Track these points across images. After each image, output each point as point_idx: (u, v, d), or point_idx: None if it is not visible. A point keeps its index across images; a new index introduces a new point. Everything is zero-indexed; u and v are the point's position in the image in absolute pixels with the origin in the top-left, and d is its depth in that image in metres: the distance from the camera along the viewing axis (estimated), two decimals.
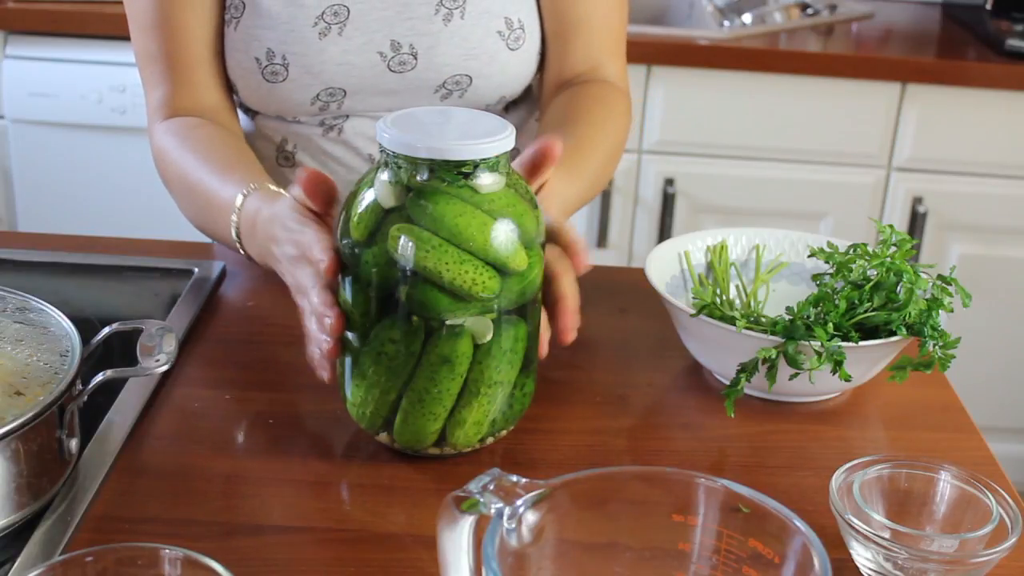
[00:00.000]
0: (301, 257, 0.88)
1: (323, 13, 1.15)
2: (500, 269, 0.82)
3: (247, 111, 1.27)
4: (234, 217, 1.02)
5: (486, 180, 0.82)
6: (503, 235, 0.81)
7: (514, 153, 0.86)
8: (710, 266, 1.10)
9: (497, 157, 0.82)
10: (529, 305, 0.85)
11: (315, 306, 0.85)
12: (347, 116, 1.22)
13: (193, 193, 1.11)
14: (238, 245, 1.03)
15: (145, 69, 1.20)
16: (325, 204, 0.88)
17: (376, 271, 0.82)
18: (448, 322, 0.82)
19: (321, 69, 1.16)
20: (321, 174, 0.88)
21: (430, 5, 1.16)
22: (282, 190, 1.02)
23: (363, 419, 0.88)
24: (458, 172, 0.81)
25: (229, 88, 1.22)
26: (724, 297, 1.07)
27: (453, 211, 0.80)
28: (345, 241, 0.84)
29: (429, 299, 0.81)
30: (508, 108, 1.26)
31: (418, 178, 0.81)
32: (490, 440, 0.89)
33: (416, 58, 1.17)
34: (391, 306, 0.83)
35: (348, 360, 0.87)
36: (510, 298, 0.83)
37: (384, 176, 0.82)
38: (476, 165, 0.81)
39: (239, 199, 1.02)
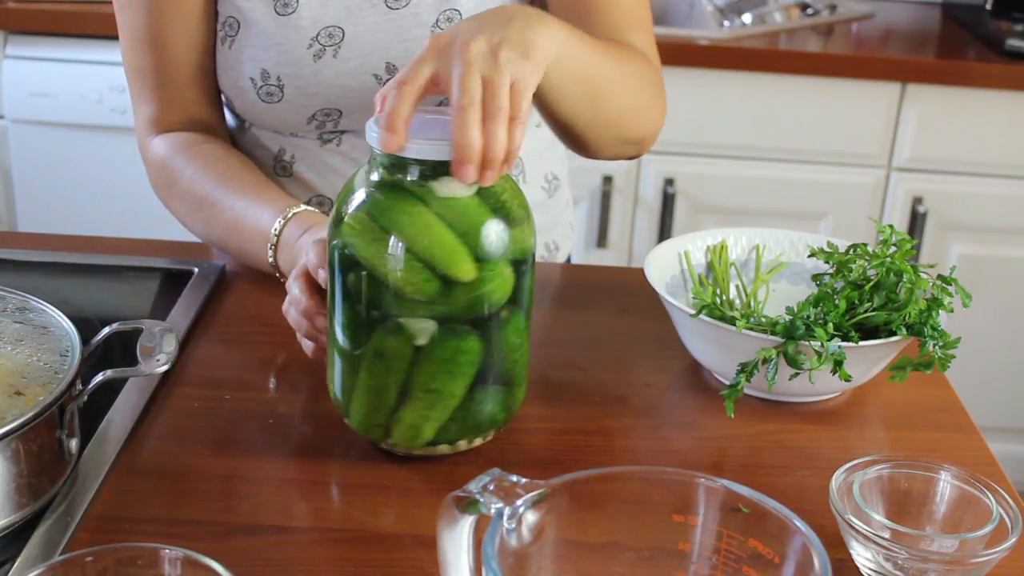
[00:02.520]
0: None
1: (318, 35, 1.14)
2: (443, 275, 0.81)
3: (243, 120, 1.26)
4: (274, 239, 1.05)
5: (442, 183, 0.81)
6: (448, 242, 0.81)
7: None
8: (710, 266, 1.10)
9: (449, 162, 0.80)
10: (489, 322, 0.84)
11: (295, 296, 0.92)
12: (342, 133, 1.21)
13: (214, 213, 1.12)
14: (275, 270, 1.06)
15: (134, 83, 1.20)
16: None
17: (339, 262, 0.84)
18: (389, 318, 0.83)
19: (316, 91, 1.15)
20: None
21: (425, 27, 1.14)
22: (314, 211, 1.06)
23: (338, 405, 0.89)
24: (421, 173, 0.81)
25: (220, 105, 1.22)
26: (724, 297, 1.07)
27: (399, 207, 0.81)
28: (335, 242, 0.84)
29: (370, 291, 0.82)
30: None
31: (406, 177, 0.81)
32: (445, 447, 0.88)
33: None
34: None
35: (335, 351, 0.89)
36: (455, 307, 0.82)
37: (371, 175, 0.84)
38: (434, 166, 0.81)
39: (277, 224, 1.04)
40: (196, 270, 1.17)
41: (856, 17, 2.50)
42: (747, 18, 2.39)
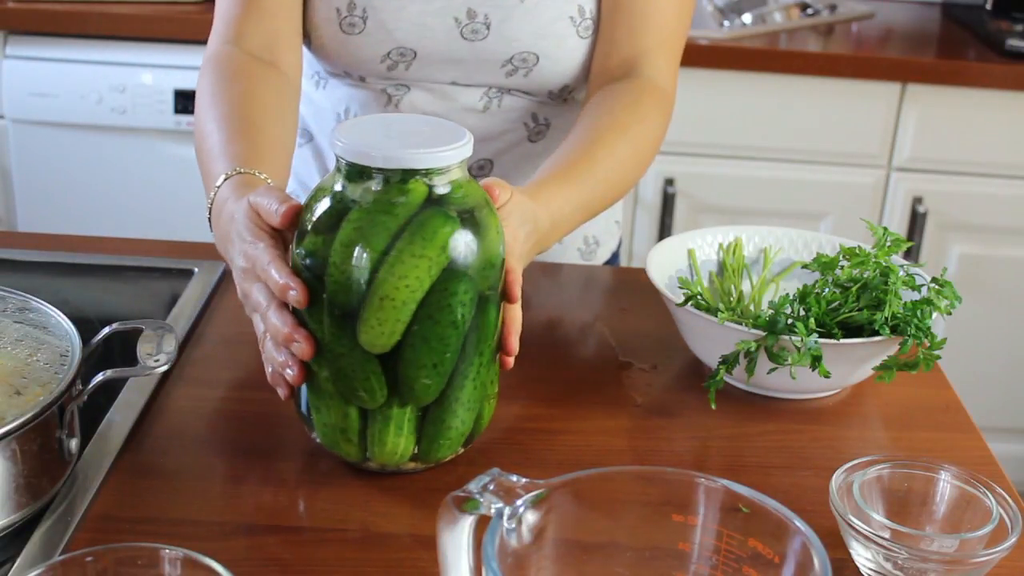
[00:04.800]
0: (251, 271, 0.86)
1: None
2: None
3: (318, 80, 1.28)
4: (211, 194, 1.00)
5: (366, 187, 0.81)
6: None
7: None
8: (722, 264, 1.10)
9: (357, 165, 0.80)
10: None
11: (277, 328, 0.83)
12: (408, 88, 1.24)
13: (200, 149, 1.09)
14: (208, 220, 1.01)
15: None
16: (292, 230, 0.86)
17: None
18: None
19: (396, 26, 1.19)
20: (299, 209, 0.85)
21: None
22: (264, 177, 0.99)
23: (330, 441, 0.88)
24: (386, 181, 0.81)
25: (300, 30, 1.21)
26: (737, 294, 1.07)
27: (358, 217, 0.79)
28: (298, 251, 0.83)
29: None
30: (568, 103, 1.27)
31: (371, 186, 0.80)
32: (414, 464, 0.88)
33: (488, 28, 1.19)
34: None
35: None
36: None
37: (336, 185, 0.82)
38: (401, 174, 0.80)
39: (220, 179, 0.99)
40: (196, 270, 1.17)
41: (856, 17, 2.50)
42: (747, 18, 2.39)
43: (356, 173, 0.80)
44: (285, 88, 1.17)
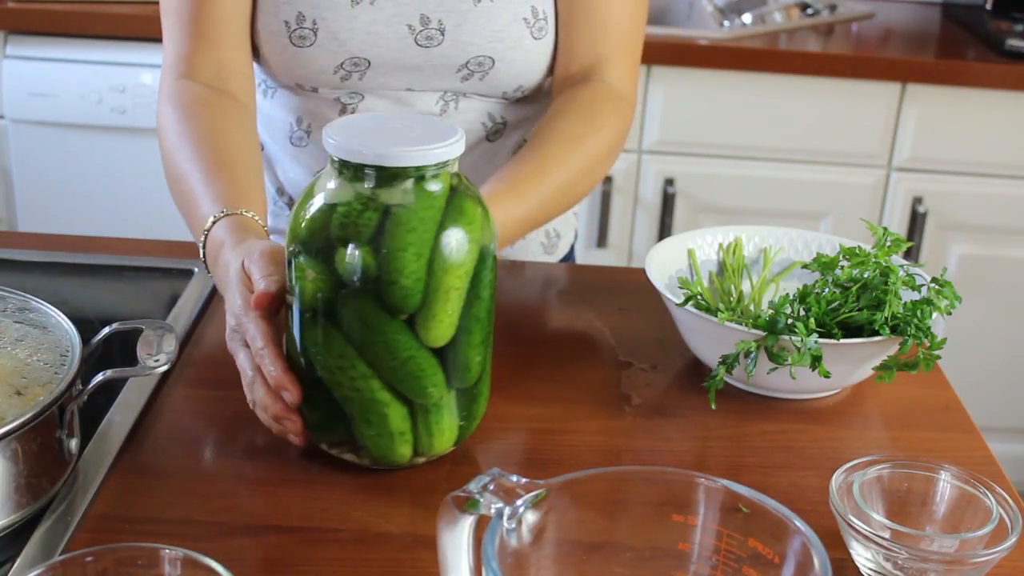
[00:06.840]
0: (238, 334, 0.89)
1: None
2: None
3: (265, 89, 1.27)
4: (202, 238, 1.01)
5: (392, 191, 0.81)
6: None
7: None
8: (722, 264, 1.10)
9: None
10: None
11: (267, 404, 0.86)
12: (363, 96, 1.22)
13: (178, 187, 1.10)
14: (203, 261, 1.02)
15: (167, 20, 1.19)
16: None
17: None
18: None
19: (349, 37, 1.17)
20: (271, 298, 0.86)
21: None
22: (252, 216, 1.00)
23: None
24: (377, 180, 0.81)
25: (250, 53, 1.21)
26: (737, 294, 1.07)
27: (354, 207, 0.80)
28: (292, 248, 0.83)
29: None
30: (523, 101, 1.27)
31: (363, 184, 0.80)
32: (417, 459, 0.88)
33: (443, 34, 1.18)
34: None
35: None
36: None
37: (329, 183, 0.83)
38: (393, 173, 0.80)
39: (208, 221, 1.00)
40: (196, 270, 1.17)
41: (856, 17, 2.50)
42: (747, 18, 2.39)
43: (389, 176, 0.79)
44: (243, 115, 1.17)
